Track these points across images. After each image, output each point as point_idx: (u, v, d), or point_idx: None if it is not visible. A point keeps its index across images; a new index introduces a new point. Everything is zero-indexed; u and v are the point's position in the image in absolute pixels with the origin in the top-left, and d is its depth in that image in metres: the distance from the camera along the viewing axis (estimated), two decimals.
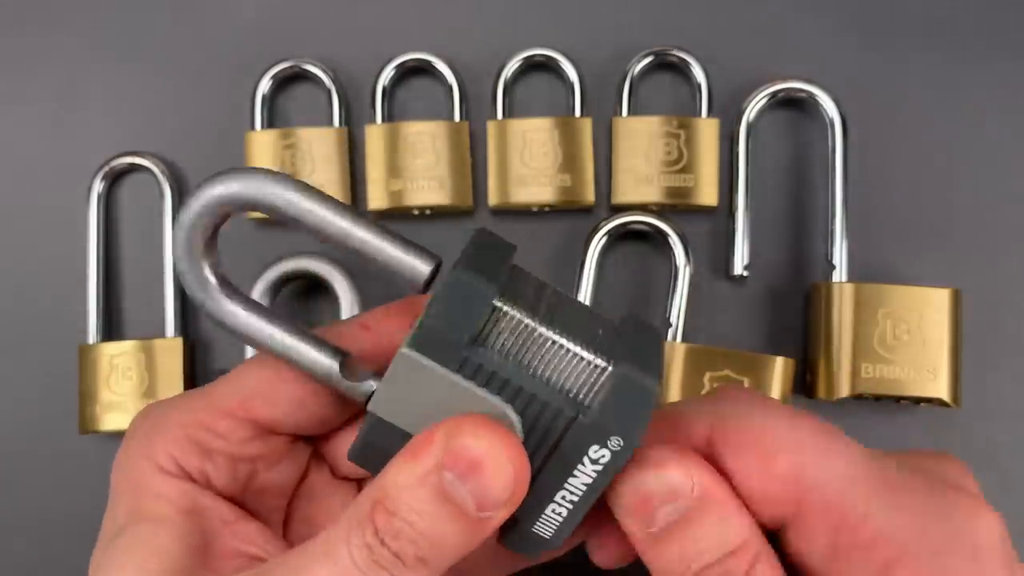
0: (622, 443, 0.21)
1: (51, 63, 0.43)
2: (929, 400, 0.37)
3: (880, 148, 0.41)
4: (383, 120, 0.41)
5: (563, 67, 0.41)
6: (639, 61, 0.41)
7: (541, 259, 0.38)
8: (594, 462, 0.21)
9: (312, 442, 0.27)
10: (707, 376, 0.38)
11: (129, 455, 0.25)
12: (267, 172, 0.22)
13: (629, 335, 0.22)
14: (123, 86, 0.43)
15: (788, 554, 0.23)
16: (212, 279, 0.23)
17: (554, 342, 0.21)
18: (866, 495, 0.22)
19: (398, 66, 0.41)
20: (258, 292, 0.37)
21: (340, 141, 0.41)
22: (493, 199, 0.41)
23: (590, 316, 0.23)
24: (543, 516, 0.22)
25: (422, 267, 0.22)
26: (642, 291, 0.41)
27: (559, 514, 0.22)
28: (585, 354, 0.21)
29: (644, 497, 0.22)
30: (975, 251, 0.41)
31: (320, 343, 0.24)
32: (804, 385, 0.40)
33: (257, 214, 0.40)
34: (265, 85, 0.41)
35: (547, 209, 0.41)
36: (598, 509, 0.23)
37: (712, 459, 0.23)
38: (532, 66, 0.41)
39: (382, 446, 0.22)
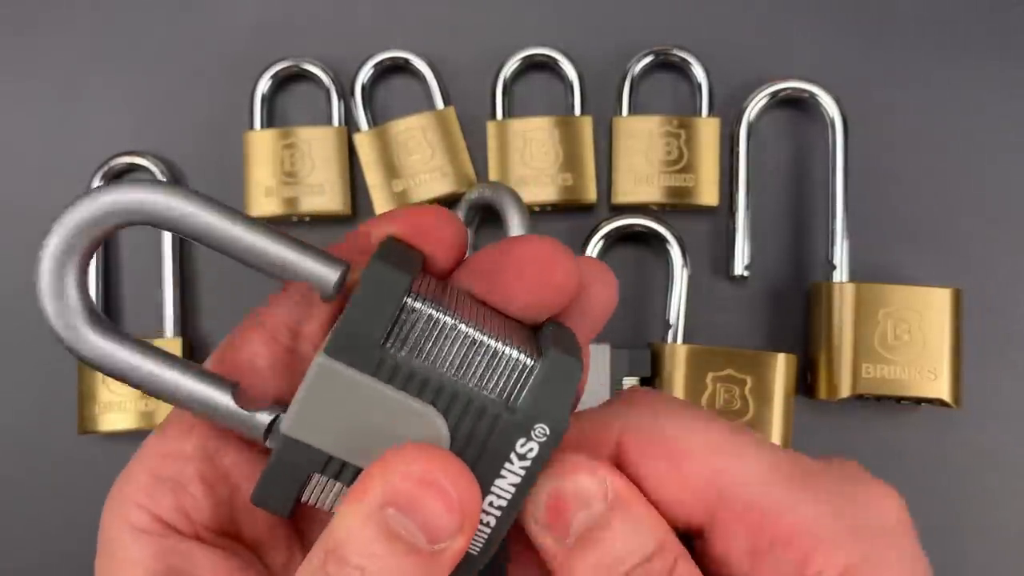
0: (548, 431, 0.20)
1: (51, 63, 0.43)
2: (930, 400, 0.37)
3: (880, 148, 0.41)
4: (369, 125, 0.41)
5: (563, 66, 0.41)
6: (639, 60, 0.40)
7: None
8: (521, 458, 0.20)
9: None
10: (709, 376, 0.38)
11: (104, 520, 0.23)
12: (156, 183, 0.20)
13: (547, 335, 0.21)
14: (123, 86, 0.42)
15: (706, 559, 0.22)
16: (80, 309, 0.20)
17: (473, 339, 0.20)
18: (781, 492, 0.21)
19: (377, 64, 0.41)
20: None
21: (340, 140, 0.41)
22: None
23: (505, 319, 0.22)
24: None
25: (329, 274, 0.20)
26: (642, 292, 0.41)
27: (487, 524, 0.20)
28: (506, 349, 0.20)
29: (557, 504, 0.21)
30: (976, 251, 0.41)
31: (206, 376, 0.21)
32: (805, 385, 0.40)
33: None
34: (264, 84, 0.41)
35: (549, 208, 0.41)
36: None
37: (623, 467, 0.22)
38: (532, 65, 0.41)
39: (295, 476, 0.20)
